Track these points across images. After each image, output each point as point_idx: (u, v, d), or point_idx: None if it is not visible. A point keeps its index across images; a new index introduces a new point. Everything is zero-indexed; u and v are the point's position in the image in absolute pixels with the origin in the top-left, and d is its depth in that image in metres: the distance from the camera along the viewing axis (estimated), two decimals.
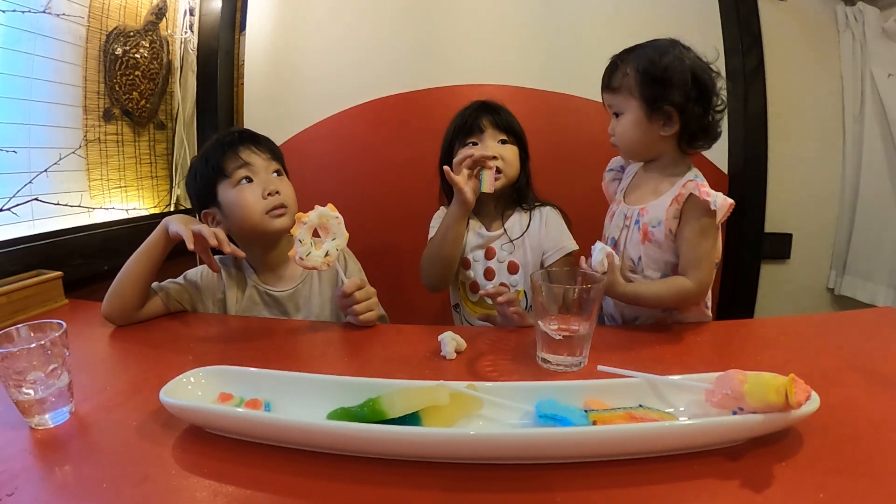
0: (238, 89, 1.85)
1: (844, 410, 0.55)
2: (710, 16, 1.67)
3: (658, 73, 0.84)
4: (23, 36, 1.18)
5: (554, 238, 1.08)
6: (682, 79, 0.83)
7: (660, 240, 0.86)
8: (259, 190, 0.95)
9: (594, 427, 0.49)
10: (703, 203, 0.80)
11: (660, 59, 0.84)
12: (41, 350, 0.56)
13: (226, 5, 1.77)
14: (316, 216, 0.81)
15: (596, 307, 0.67)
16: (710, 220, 0.82)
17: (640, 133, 0.88)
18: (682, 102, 0.84)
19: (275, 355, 0.78)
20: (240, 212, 0.94)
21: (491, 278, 1.08)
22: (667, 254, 0.87)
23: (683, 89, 0.83)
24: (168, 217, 0.91)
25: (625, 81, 0.87)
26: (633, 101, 0.87)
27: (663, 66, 0.84)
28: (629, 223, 0.92)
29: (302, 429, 0.50)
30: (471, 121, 1.07)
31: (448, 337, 0.74)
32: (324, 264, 0.81)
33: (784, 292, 1.75)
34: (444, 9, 1.72)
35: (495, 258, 1.08)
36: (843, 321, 0.95)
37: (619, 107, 0.89)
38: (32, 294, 0.99)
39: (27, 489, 0.46)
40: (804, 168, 1.69)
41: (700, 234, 0.83)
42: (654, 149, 0.90)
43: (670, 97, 0.84)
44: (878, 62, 1.55)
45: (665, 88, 0.84)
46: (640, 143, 0.90)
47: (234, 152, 0.95)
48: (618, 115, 0.90)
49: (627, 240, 0.92)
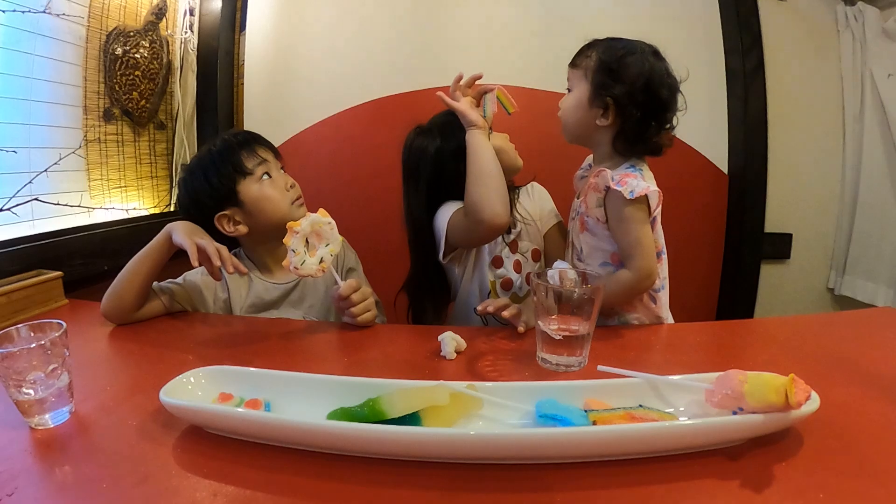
0: (238, 89, 1.85)
1: (844, 410, 0.55)
2: (710, 16, 1.67)
3: (613, 64, 0.85)
4: (23, 36, 1.18)
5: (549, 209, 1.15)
6: (633, 79, 0.84)
7: (594, 229, 0.90)
8: (281, 184, 0.99)
9: (594, 427, 0.49)
10: (618, 193, 0.82)
11: (622, 54, 0.86)
12: (41, 350, 0.56)
13: (226, 5, 1.77)
14: (308, 224, 0.81)
15: (596, 307, 0.67)
16: (632, 208, 0.83)
17: (578, 114, 0.90)
18: (622, 99, 0.84)
19: (275, 355, 0.78)
20: (269, 205, 0.97)
21: (520, 270, 1.09)
22: (603, 242, 0.90)
23: (629, 89, 0.84)
24: (173, 223, 0.91)
25: (585, 62, 0.89)
26: (584, 83, 0.88)
27: (620, 60, 0.85)
28: (575, 215, 0.96)
29: (302, 429, 0.50)
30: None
31: (448, 337, 0.74)
32: (319, 271, 0.81)
33: (784, 292, 1.76)
34: (445, 9, 1.72)
35: (518, 250, 1.09)
36: (843, 321, 0.95)
37: (573, 84, 0.91)
38: (32, 294, 0.99)
39: (27, 489, 0.46)
40: (804, 168, 1.70)
41: (625, 223, 0.84)
42: (588, 135, 0.92)
43: (613, 90, 0.84)
44: (878, 62, 1.55)
45: (612, 80, 0.85)
46: (576, 123, 0.91)
47: (251, 150, 0.98)
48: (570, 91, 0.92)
49: (572, 229, 0.97)
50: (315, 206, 0.87)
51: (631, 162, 0.90)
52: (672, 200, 1.68)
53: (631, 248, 0.85)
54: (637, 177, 0.85)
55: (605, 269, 0.90)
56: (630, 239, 0.84)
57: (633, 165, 0.89)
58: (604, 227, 0.88)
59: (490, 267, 1.10)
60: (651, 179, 0.89)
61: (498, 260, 1.09)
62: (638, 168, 0.88)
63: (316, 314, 1.03)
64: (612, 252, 0.89)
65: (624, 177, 0.83)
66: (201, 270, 1.02)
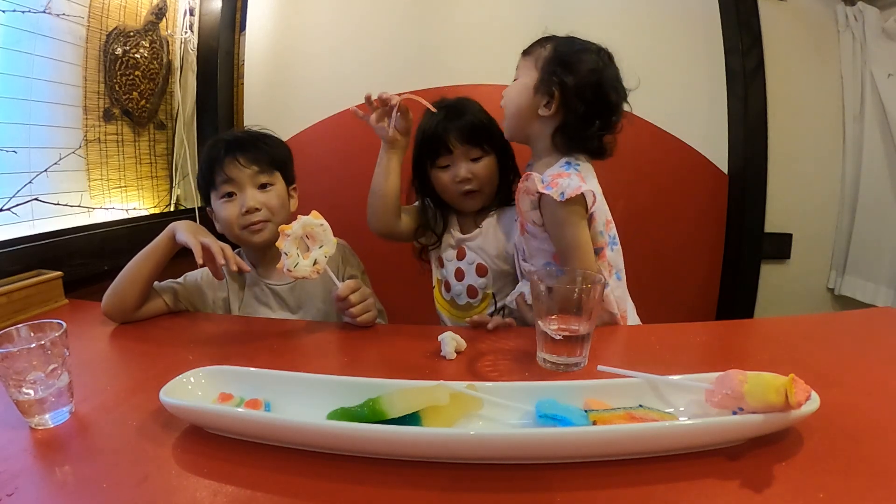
0: (238, 89, 1.85)
1: (844, 410, 0.55)
2: (710, 16, 1.67)
3: (567, 56, 0.84)
4: (23, 36, 1.18)
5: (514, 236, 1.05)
6: (584, 74, 0.83)
7: (532, 231, 0.88)
8: (237, 207, 0.97)
9: (594, 427, 0.49)
10: (549, 197, 0.79)
11: (578, 49, 0.86)
12: (41, 350, 0.55)
13: (226, 5, 1.77)
14: (299, 227, 0.80)
15: (596, 307, 0.67)
16: (566, 210, 0.80)
17: (521, 99, 0.88)
18: (569, 90, 0.83)
19: (275, 355, 0.78)
20: (223, 225, 1.00)
21: (461, 279, 1.07)
22: (543, 243, 0.88)
23: (579, 82, 0.83)
24: (176, 223, 0.92)
25: (538, 51, 0.88)
26: (534, 71, 0.87)
27: (576, 53, 0.85)
28: (517, 216, 0.93)
29: (302, 429, 0.50)
30: (436, 137, 0.99)
31: (448, 337, 0.74)
32: (313, 272, 0.81)
33: (784, 292, 1.75)
34: (445, 9, 1.72)
35: (465, 259, 1.06)
36: (843, 321, 0.95)
37: (521, 72, 0.90)
38: (32, 294, 0.99)
39: (27, 489, 0.46)
40: (804, 168, 1.70)
41: (560, 226, 0.82)
42: (528, 125, 0.89)
43: (562, 78, 0.83)
44: (878, 62, 1.55)
45: (563, 70, 0.83)
46: (517, 110, 0.89)
47: (220, 166, 0.97)
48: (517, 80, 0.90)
49: (515, 233, 0.97)
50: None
51: (567, 158, 0.87)
52: (672, 200, 1.70)
53: (568, 250, 0.82)
54: (570, 175, 0.81)
55: (549, 268, 0.88)
56: (566, 241, 0.82)
57: (569, 163, 0.86)
58: (541, 230, 0.86)
59: (436, 263, 1.11)
60: (590, 176, 0.86)
61: (440, 261, 1.10)
62: (574, 165, 0.85)
63: (314, 315, 1.03)
64: (554, 252, 0.88)
65: (555, 178, 0.81)
66: (202, 270, 1.02)
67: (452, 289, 1.09)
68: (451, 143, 0.99)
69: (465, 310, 1.09)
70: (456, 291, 1.09)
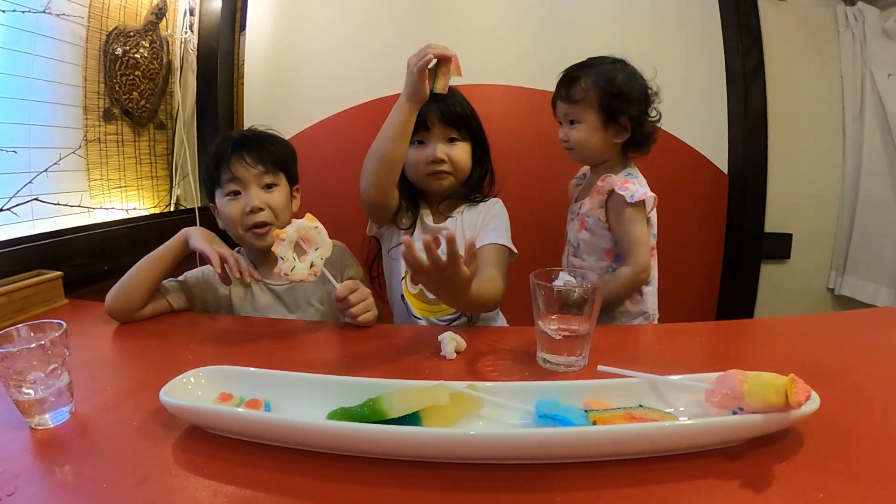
0: (238, 89, 1.85)
1: (844, 410, 0.55)
2: (710, 16, 1.67)
3: (616, 89, 0.98)
4: (23, 36, 1.18)
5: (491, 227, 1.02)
6: (636, 95, 0.99)
7: (592, 227, 1.03)
8: (242, 205, 0.97)
9: (594, 427, 0.49)
10: (621, 196, 0.95)
11: (617, 77, 0.99)
12: (41, 350, 0.55)
13: (226, 5, 1.77)
14: (294, 231, 0.81)
15: (596, 307, 0.67)
16: (632, 210, 0.96)
17: (595, 140, 1.01)
18: (636, 115, 0.99)
19: (275, 355, 0.78)
20: (226, 223, 1.00)
21: None
22: (600, 240, 1.02)
23: (637, 104, 0.98)
24: (189, 228, 0.95)
25: (585, 95, 0.99)
26: (592, 112, 1.00)
27: (620, 84, 0.99)
28: (574, 217, 1.09)
29: (302, 429, 0.50)
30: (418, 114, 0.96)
31: (448, 337, 0.74)
32: (310, 275, 0.81)
33: (784, 292, 1.75)
34: (445, 9, 1.72)
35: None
36: (843, 321, 0.95)
37: (577, 116, 1.02)
38: (32, 294, 0.99)
39: (27, 489, 0.46)
40: (804, 168, 1.70)
41: (626, 224, 0.97)
42: (605, 154, 1.04)
43: (627, 111, 0.98)
44: (878, 62, 1.55)
45: (622, 103, 0.98)
46: (596, 149, 1.03)
47: (226, 164, 0.97)
48: (573, 123, 1.03)
49: (570, 229, 1.09)
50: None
51: (628, 170, 1.02)
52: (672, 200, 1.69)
53: (630, 245, 0.97)
54: (635, 183, 0.97)
55: (600, 263, 1.02)
56: (630, 237, 0.96)
57: (630, 173, 1.01)
58: (603, 227, 1.00)
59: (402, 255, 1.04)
60: (645, 185, 1.01)
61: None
62: (634, 175, 1.01)
63: (311, 315, 1.04)
64: (607, 249, 1.01)
65: (625, 182, 0.96)
66: (201, 269, 1.04)
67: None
68: (430, 121, 0.98)
69: (435, 303, 1.04)
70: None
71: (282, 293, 1.03)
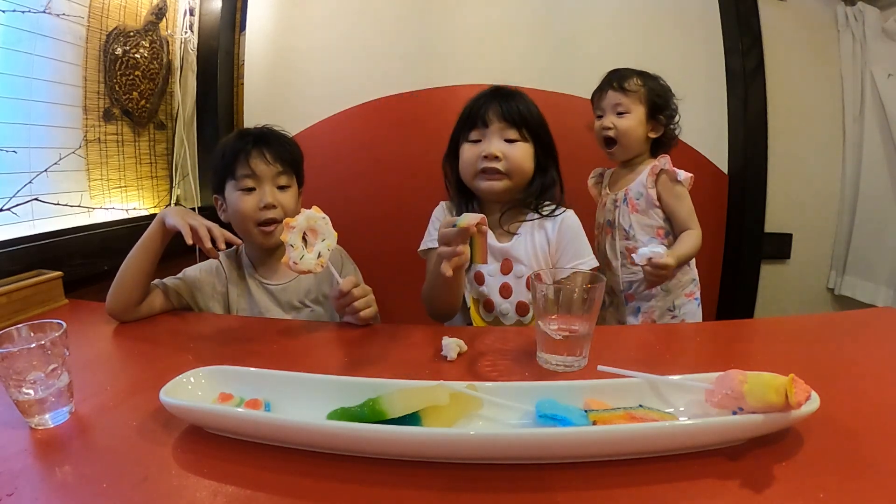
0: (238, 89, 1.85)
1: (844, 410, 0.55)
2: (710, 16, 1.67)
3: (659, 89, 1.19)
4: (23, 36, 1.18)
5: (572, 252, 0.95)
6: (669, 100, 1.19)
7: (643, 207, 1.17)
8: (256, 200, 0.98)
9: (594, 427, 0.49)
10: (672, 174, 1.14)
11: (658, 80, 1.20)
12: (41, 350, 0.55)
13: (226, 5, 1.77)
14: (304, 220, 0.81)
15: (596, 307, 0.67)
16: (681, 187, 1.15)
17: (640, 130, 1.18)
18: (670, 115, 1.19)
19: (275, 355, 0.78)
20: (236, 217, 1.00)
21: (507, 296, 0.96)
22: (651, 219, 1.17)
23: (669, 107, 1.19)
24: (165, 209, 0.93)
25: (637, 89, 1.16)
26: (640, 105, 1.17)
27: (662, 86, 1.20)
28: (619, 203, 1.21)
29: (302, 429, 0.50)
30: (476, 111, 0.94)
31: (452, 342, 0.74)
32: (317, 266, 0.81)
33: (784, 292, 1.75)
34: (445, 9, 1.72)
35: (512, 273, 0.96)
36: (843, 321, 0.95)
37: (627, 106, 1.17)
38: (32, 294, 0.99)
39: (27, 489, 0.46)
40: (804, 168, 1.70)
41: (679, 198, 1.15)
42: (641, 147, 1.20)
43: (665, 110, 1.18)
44: (878, 62, 1.55)
45: (663, 102, 1.18)
46: (637, 138, 1.18)
47: (244, 159, 0.98)
48: (621, 114, 1.17)
49: (619, 216, 1.20)
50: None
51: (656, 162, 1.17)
52: None
53: (689, 214, 1.15)
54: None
55: (652, 241, 1.15)
56: (686, 208, 1.15)
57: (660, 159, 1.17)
58: (654, 205, 1.16)
59: (472, 281, 0.98)
60: None
61: (480, 276, 0.97)
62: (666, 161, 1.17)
63: (307, 316, 1.04)
64: (658, 227, 1.17)
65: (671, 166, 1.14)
66: (200, 266, 1.04)
67: (497, 308, 0.97)
68: (488, 118, 0.92)
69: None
70: (502, 310, 0.97)
71: (277, 293, 1.03)
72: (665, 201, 1.15)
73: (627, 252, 1.17)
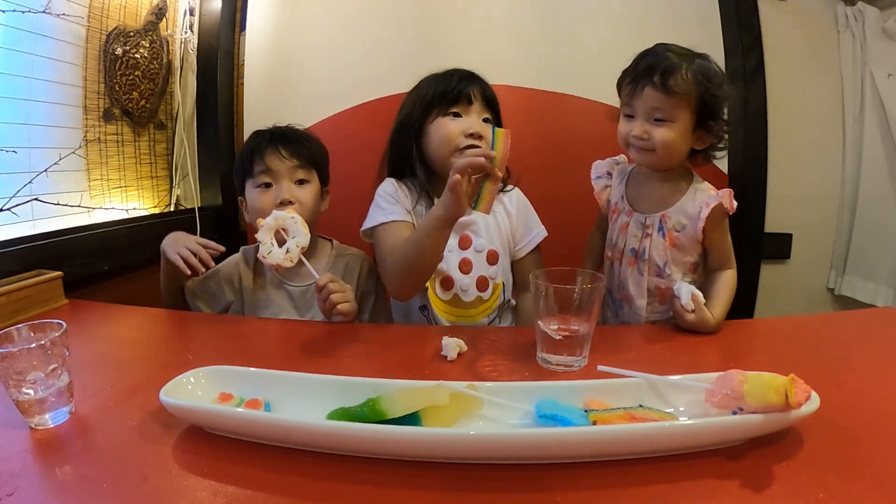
0: (238, 89, 1.85)
1: (844, 410, 0.55)
2: (710, 16, 1.67)
3: (716, 90, 0.84)
4: (23, 36, 1.18)
5: (524, 225, 1.02)
6: (723, 98, 0.85)
7: (684, 244, 0.92)
8: (273, 197, 0.99)
9: (594, 427, 0.49)
10: (725, 210, 0.88)
11: (718, 75, 0.85)
12: (41, 350, 0.55)
13: (226, 5, 1.77)
14: (272, 219, 0.89)
15: (596, 307, 0.67)
16: (727, 220, 0.91)
17: (684, 144, 0.87)
18: (725, 121, 0.87)
19: (275, 355, 0.78)
20: (254, 214, 1.00)
21: (468, 271, 0.97)
22: (688, 255, 0.93)
23: (723, 108, 0.86)
24: (163, 243, 0.98)
25: (689, 90, 0.83)
26: (687, 111, 0.85)
27: (720, 83, 0.84)
28: (650, 231, 0.93)
29: (302, 429, 0.50)
30: (458, 88, 0.97)
31: (452, 343, 0.74)
32: (286, 260, 0.87)
33: (784, 292, 1.75)
34: (444, 9, 1.72)
35: (472, 247, 0.98)
36: (843, 321, 0.95)
37: (669, 112, 0.85)
38: (32, 294, 0.99)
39: (27, 489, 0.46)
40: (804, 168, 1.69)
41: (726, 233, 0.92)
42: (680, 160, 0.92)
43: (720, 115, 0.86)
44: (878, 62, 1.55)
45: (718, 105, 0.85)
46: (679, 154, 0.89)
47: (260, 156, 0.99)
48: (659, 120, 0.86)
49: (651, 246, 0.93)
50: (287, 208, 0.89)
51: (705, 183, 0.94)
52: None
53: (729, 251, 0.92)
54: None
55: (686, 278, 0.93)
56: (728, 246, 0.92)
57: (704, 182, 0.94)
58: (697, 240, 0.91)
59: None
60: None
61: None
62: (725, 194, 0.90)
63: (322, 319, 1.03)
64: (692, 262, 0.94)
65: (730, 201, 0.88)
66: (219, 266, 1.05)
67: (457, 284, 0.98)
68: (473, 95, 0.97)
69: (472, 307, 1.00)
70: (462, 286, 0.98)
71: (296, 295, 1.03)
72: (710, 238, 0.90)
73: (658, 292, 0.94)
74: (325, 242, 1.11)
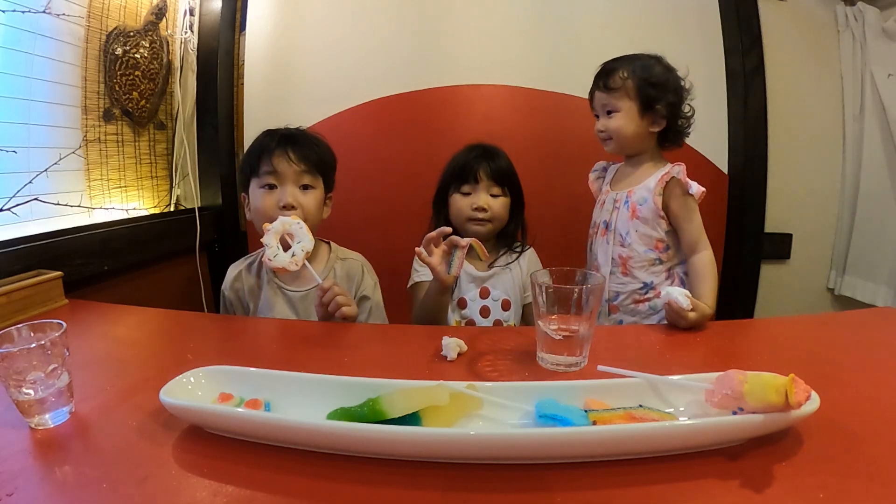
0: (238, 89, 1.85)
1: (844, 410, 0.55)
2: (710, 16, 1.67)
3: (653, 78, 1.03)
4: (23, 36, 1.18)
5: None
6: (672, 86, 1.03)
7: (646, 216, 1.05)
8: (276, 199, 0.99)
9: (594, 427, 0.49)
10: (683, 185, 1.01)
11: (654, 68, 1.04)
12: (41, 350, 0.55)
13: (226, 5, 1.77)
14: (279, 224, 0.91)
15: (596, 307, 0.67)
16: (692, 200, 1.02)
17: (633, 127, 1.05)
18: (671, 104, 1.03)
19: (275, 355, 0.78)
20: (256, 214, 1.01)
21: (486, 316, 1.12)
22: (651, 229, 1.05)
23: (672, 95, 1.03)
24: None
25: (624, 84, 1.03)
26: (629, 101, 1.04)
27: (658, 74, 1.04)
28: (619, 205, 1.09)
29: (302, 429, 0.50)
30: (468, 168, 1.11)
31: (453, 342, 0.74)
32: (291, 264, 0.89)
33: (784, 292, 1.75)
34: (445, 9, 1.72)
35: (490, 297, 1.13)
36: (843, 321, 0.95)
37: (614, 105, 1.05)
38: (32, 294, 0.99)
39: (27, 489, 0.46)
40: (804, 168, 1.70)
41: (691, 212, 1.02)
42: (642, 143, 1.07)
43: (664, 99, 1.02)
44: (878, 62, 1.55)
45: (659, 91, 1.02)
46: (633, 136, 1.05)
47: (267, 157, 0.98)
48: (610, 113, 1.06)
49: (618, 219, 1.09)
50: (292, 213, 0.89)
51: (671, 164, 1.05)
52: None
53: (698, 230, 1.03)
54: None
55: (649, 255, 1.05)
56: (697, 224, 1.03)
57: (673, 167, 1.04)
58: (659, 215, 1.03)
59: (455, 306, 1.13)
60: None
61: (462, 302, 1.13)
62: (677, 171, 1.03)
63: None
64: (658, 239, 1.05)
65: (684, 175, 1.02)
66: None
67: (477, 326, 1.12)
68: (479, 175, 1.10)
69: None
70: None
71: (295, 300, 1.03)
72: (673, 213, 1.02)
73: (621, 260, 1.07)
74: (323, 245, 1.11)
